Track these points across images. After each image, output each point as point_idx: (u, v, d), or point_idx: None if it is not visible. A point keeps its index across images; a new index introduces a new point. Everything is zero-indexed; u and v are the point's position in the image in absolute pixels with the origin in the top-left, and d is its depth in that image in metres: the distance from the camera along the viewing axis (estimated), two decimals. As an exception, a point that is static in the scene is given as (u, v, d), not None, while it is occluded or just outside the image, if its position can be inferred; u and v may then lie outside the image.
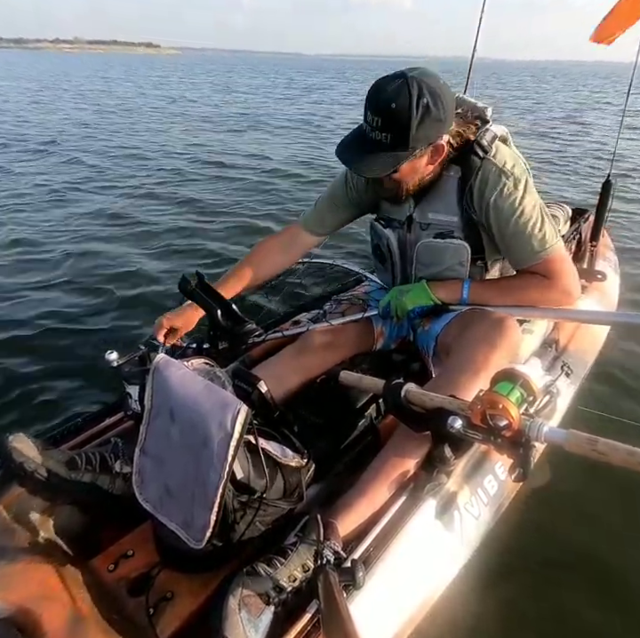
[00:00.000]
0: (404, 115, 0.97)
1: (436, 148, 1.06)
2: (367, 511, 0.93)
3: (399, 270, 1.29)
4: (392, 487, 0.95)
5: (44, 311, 2.53)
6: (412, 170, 1.08)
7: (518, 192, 1.08)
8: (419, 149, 1.03)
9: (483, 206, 1.10)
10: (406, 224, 1.22)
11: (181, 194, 4.81)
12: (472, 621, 1.12)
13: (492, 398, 0.80)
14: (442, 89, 1.00)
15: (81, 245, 3.45)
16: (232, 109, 12.23)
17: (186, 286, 1.18)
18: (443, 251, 1.18)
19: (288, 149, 7.28)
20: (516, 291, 1.18)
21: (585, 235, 2.09)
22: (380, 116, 0.99)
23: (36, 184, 5.06)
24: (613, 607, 1.21)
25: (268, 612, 0.75)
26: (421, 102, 0.96)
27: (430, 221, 1.18)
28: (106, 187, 5.03)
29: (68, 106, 12.09)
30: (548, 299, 1.16)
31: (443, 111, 1.00)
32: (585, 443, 0.76)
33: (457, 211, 1.14)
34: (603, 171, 2.70)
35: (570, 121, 10.84)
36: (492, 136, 1.12)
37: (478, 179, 1.09)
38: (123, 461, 0.96)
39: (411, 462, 0.97)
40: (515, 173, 1.08)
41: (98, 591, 0.87)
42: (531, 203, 1.09)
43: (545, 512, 1.41)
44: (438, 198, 1.16)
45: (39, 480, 0.87)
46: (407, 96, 0.96)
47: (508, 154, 1.12)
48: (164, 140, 7.74)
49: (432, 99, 0.97)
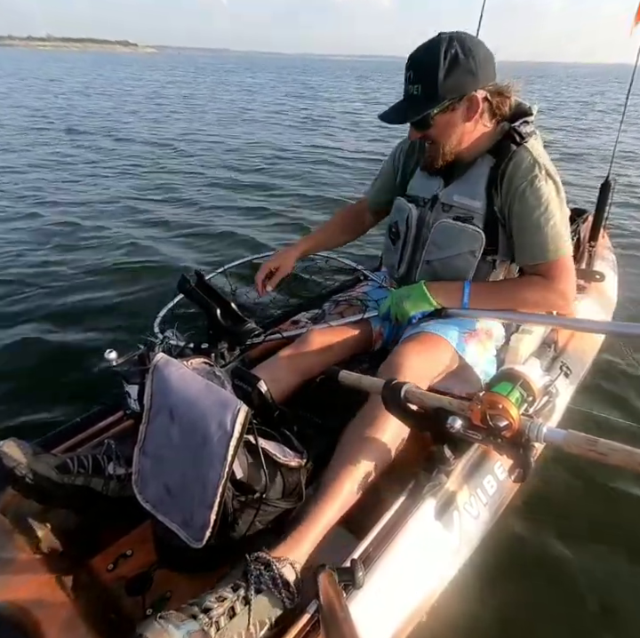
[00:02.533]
0: (432, 65, 1.02)
1: (471, 102, 1.06)
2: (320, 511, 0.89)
3: (408, 252, 1.29)
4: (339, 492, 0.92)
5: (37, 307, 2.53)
6: (448, 124, 1.09)
7: (548, 187, 1.09)
8: (449, 100, 1.05)
9: (510, 192, 1.10)
10: (430, 202, 1.23)
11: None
12: (471, 621, 1.12)
13: (491, 398, 0.80)
14: (475, 44, 1.03)
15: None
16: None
17: (185, 285, 1.18)
18: (458, 234, 1.17)
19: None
20: (516, 292, 1.18)
21: (584, 236, 2.10)
22: (412, 69, 1.05)
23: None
24: (613, 607, 1.21)
25: (195, 623, 0.70)
26: (450, 52, 1.01)
27: (454, 203, 1.18)
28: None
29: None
30: (547, 302, 1.17)
31: (474, 64, 1.02)
32: (584, 444, 0.76)
33: (482, 197, 1.14)
34: (602, 172, 2.70)
35: (569, 121, 10.87)
36: (531, 130, 1.13)
37: (511, 164, 1.10)
38: (116, 463, 0.96)
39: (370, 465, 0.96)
40: (548, 169, 1.09)
41: (97, 590, 0.88)
42: (557, 203, 1.10)
43: (544, 512, 1.41)
44: (467, 182, 1.17)
45: (30, 485, 0.87)
46: (437, 47, 1.01)
47: (543, 151, 1.13)
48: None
49: (462, 51, 1.01)
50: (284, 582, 0.77)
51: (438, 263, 1.23)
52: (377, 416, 1.00)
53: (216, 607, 0.72)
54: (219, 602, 0.73)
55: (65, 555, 0.92)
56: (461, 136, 1.12)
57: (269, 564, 0.78)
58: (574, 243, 2.03)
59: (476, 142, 1.15)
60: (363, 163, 6.38)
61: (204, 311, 1.18)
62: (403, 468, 1.02)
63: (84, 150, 6.76)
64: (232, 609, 0.74)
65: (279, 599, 0.77)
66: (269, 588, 0.76)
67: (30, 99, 12.71)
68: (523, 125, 1.12)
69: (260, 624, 0.75)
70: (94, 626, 0.80)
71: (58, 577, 0.87)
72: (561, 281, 1.13)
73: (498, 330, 1.26)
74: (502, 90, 1.11)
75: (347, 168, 6.16)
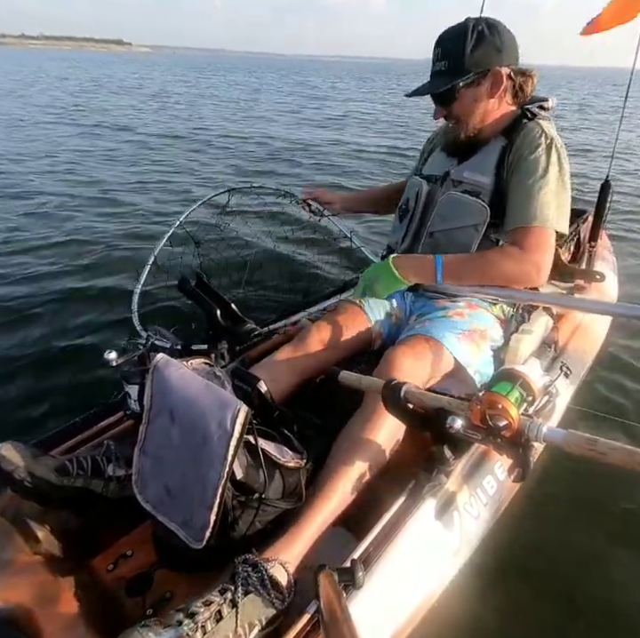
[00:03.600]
0: (459, 40, 1.07)
1: (495, 78, 1.10)
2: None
3: (414, 226, 1.30)
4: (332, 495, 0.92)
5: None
6: (473, 98, 1.12)
7: (551, 157, 1.10)
8: (474, 74, 1.08)
9: (514, 160, 1.12)
10: (441, 179, 1.25)
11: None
12: (471, 621, 1.12)
13: (491, 398, 0.80)
14: (501, 25, 1.08)
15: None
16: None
17: (185, 286, 1.19)
18: (464, 206, 1.19)
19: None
20: (490, 262, 1.14)
21: (583, 236, 2.10)
22: (441, 46, 1.11)
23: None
24: (613, 606, 1.21)
25: (178, 629, 0.70)
26: (476, 28, 1.07)
27: (463, 179, 1.20)
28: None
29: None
30: (521, 273, 1.13)
31: (500, 41, 1.07)
32: (584, 443, 0.75)
33: (492, 173, 1.16)
34: (601, 172, 2.70)
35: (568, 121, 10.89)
36: (544, 114, 1.16)
37: (521, 135, 1.12)
38: (116, 464, 0.95)
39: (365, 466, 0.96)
40: (556, 142, 1.11)
41: (97, 591, 0.88)
42: (555, 173, 1.10)
43: (544, 512, 1.41)
44: (479, 159, 1.19)
45: (29, 488, 0.87)
46: (464, 25, 1.08)
47: (555, 132, 1.14)
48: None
49: (488, 28, 1.06)
50: (273, 583, 0.77)
51: (441, 235, 1.23)
52: (372, 416, 1.00)
53: (202, 611, 0.72)
54: (205, 606, 0.72)
55: (65, 556, 0.92)
56: (484, 113, 1.15)
57: (257, 565, 0.78)
58: (574, 243, 2.03)
59: (494, 123, 1.17)
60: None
61: (204, 311, 1.18)
62: (403, 468, 1.02)
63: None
64: (219, 612, 0.73)
65: (269, 600, 0.76)
66: (257, 590, 0.76)
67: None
68: (537, 109, 1.15)
69: (250, 626, 0.75)
70: (94, 626, 0.80)
71: (58, 577, 0.87)
72: (537, 252, 1.11)
73: (494, 330, 1.26)
74: (525, 70, 1.14)
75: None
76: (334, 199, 1.53)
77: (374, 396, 0.97)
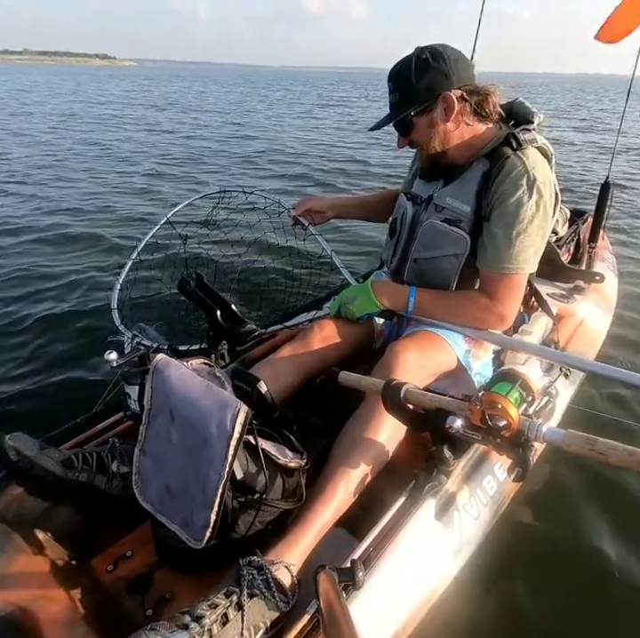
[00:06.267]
0: (405, 72, 1.09)
1: (446, 102, 1.09)
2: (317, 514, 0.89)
3: (401, 247, 1.31)
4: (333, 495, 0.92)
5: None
6: (427, 125, 1.13)
7: (531, 202, 1.06)
8: (424, 102, 1.10)
9: (494, 198, 1.10)
10: (425, 202, 1.25)
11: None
12: (472, 621, 1.12)
13: (491, 398, 0.80)
14: (447, 50, 1.09)
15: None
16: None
17: (185, 287, 1.19)
18: (443, 236, 1.18)
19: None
20: (459, 307, 1.17)
21: (583, 237, 2.10)
22: (391, 80, 1.13)
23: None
24: (613, 606, 1.21)
25: (185, 633, 0.69)
26: (420, 58, 1.08)
27: (445, 205, 1.19)
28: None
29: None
30: (486, 322, 1.16)
31: (445, 65, 1.07)
32: (584, 443, 0.76)
33: (472, 202, 1.14)
34: (601, 173, 2.70)
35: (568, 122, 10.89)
36: (530, 138, 1.12)
37: (503, 171, 1.08)
38: (120, 461, 0.96)
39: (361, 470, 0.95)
40: (539, 186, 1.06)
41: (97, 591, 0.88)
42: (536, 220, 1.07)
43: (544, 512, 1.41)
44: (460, 185, 1.18)
45: (35, 478, 0.87)
46: (409, 57, 1.10)
47: (540, 164, 1.09)
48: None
49: (431, 56, 1.08)
50: (277, 585, 0.77)
51: (425, 262, 1.23)
52: (372, 417, 1.00)
53: (208, 614, 0.71)
54: (211, 610, 0.72)
55: (65, 557, 0.92)
56: (444, 136, 1.14)
57: (262, 568, 0.78)
58: (574, 244, 2.03)
59: (468, 143, 1.15)
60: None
61: (205, 312, 1.18)
62: (402, 469, 1.02)
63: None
64: (225, 615, 0.73)
65: (273, 603, 0.76)
66: (263, 592, 0.76)
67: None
68: (522, 132, 1.11)
69: (255, 628, 0.75)
70: (94, 626, 0.80)
71: (58, 578, 0.87)
72: (504, 301, 1.13)
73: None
74: (480, 89, 1.12)
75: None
76: (323, 208, 1.51)
77: (374, 397, 0.97)
